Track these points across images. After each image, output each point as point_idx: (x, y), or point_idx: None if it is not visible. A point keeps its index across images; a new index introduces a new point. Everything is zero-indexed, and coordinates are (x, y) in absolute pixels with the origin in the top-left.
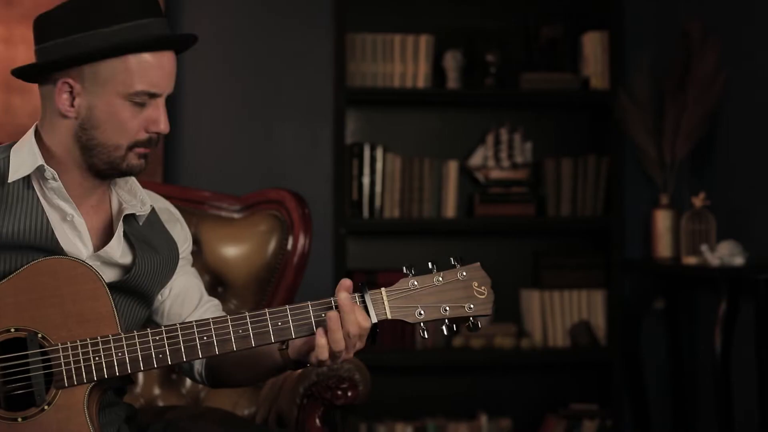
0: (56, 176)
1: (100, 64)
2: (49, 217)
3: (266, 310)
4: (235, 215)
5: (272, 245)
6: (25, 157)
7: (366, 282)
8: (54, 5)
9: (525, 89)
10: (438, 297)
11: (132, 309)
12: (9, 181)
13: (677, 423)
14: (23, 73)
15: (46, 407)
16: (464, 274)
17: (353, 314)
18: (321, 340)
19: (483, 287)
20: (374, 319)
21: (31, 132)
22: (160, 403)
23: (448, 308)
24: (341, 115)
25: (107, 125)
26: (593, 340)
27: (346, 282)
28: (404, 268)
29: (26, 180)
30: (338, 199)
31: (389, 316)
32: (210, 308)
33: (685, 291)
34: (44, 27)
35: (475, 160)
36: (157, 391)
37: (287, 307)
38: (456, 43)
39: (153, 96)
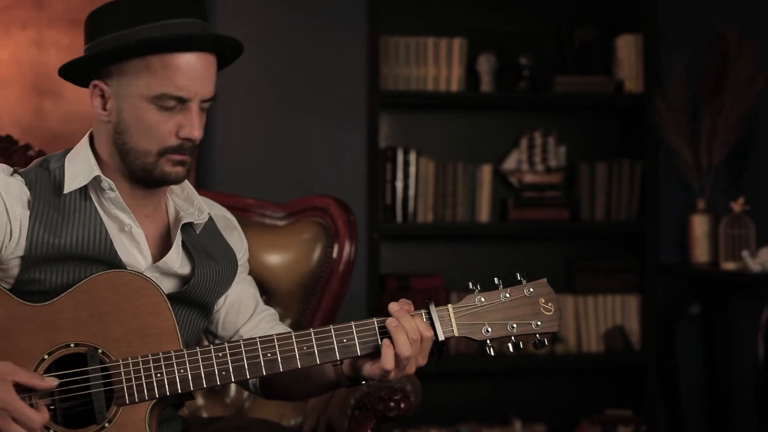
0: (113, 186)
1: (124, 66)
2: (107, 228)
3: (331, 326)
4: (279, 222)
5: (317, 253)
6: (80, 167)
7: (432, 299)
8: (86, 8)
9: (559, 92)
10: (505, 314)
11: (191, 320)
12: (65, 191)
13: (712, 429)
14: (73, 78)
15: (106, 425)
16: (531, 290)
17: (410, 320)
18: (387, 349)
19: (550, 303)
20: (441, 337)
21: (85, 140)
22: (205, 414)
23: (515, 325)
24: (375, 119)
25: (135, 130)
26: (627, 345)
27: (407, 301)
28: (470, 283)
29: (83, 190)
30: (371, 204)
31: (456, 334)
32: (266, 317)
33: (721, 296)
34: (85, 30)
35: (509, 163)
36: (200, 401)
37: (353, 323)
38: (489, 46)
39: (182, 100)
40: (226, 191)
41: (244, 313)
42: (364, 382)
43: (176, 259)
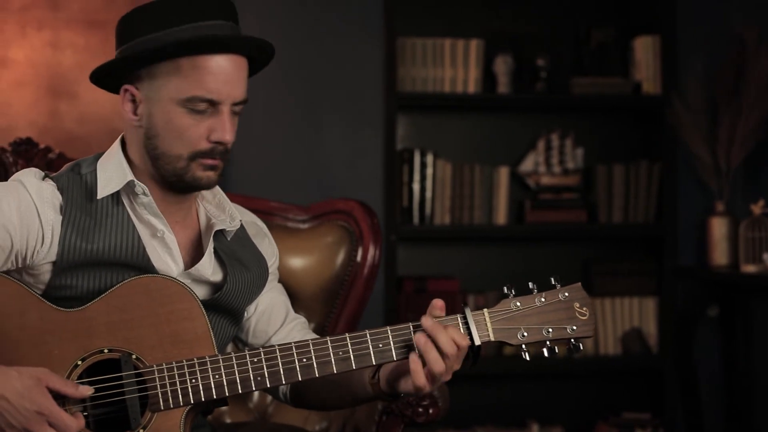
0: (147, 191)
1: (154, 69)
2: (140, 234)
3: (366, 331)
4: (302, 226)
5: (341, 256)
6: (113, 172)
7: (467, 302)
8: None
9: (576, 94)
10: (540, 318)
11: (222, 327)
12: (99, 197)
13: None
14: (105, 85)
15: (141, 431)
16: (566, 294)
17: (444, 334)
18: (416, 366)
19: (584, 308)
20: (477, 341)
21: (117, 144)
22: (228, 420)
23: (550, 330)
24: (392, 121)
25: (166, 134)
26: (645, 347)
27: (439, 302)
28: (504, 288)
29: (115, 195)
30: (389, 206)
31: (492, 338)
32: (296, 326)
33: (740, 299)
34: (116, 35)
35: (526, 165)
36: (224, 406)
37: (388, 328)
38: (506, 48)
39: (213, 103)
40: (244, 193)
41: (275, 321)
42: (401, 396)
43: (208, 266)
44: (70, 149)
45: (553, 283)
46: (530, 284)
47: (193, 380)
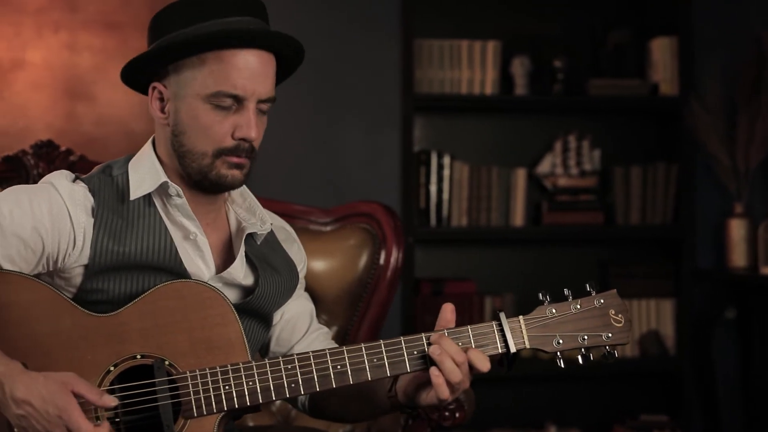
0: (181, 192)
1: (180, 65)
2: (172, 236)
3: (401, 337)
4: (324, 228)
5: (363, 259)
6: (146, 173)
7: (502, 309)
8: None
9: (593, 95)
10: (576, 325)
11: (254, 332)
12: (131, 198)
13: None
14: (129, 83)
15: None
16: (601, 301)
17: (450, 343)
18: (438, 379)
19: (620, 315)
20: (513, 349)
21: (149, 145)
22: (251, 423)
23: (586, 337)
24: (409, 122)
25: (191, 130)
26: (662, 349)
27: (449, 306)
28: (539, 294)
29: (147, 196)
30: (406, 208)
31: (527, 345)
32: (319, 336)
33: (759, 300)
34: (148, 34)
35: (543, 167)
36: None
37: (422, 334)
38: (523, 49)
39: (238, 99)
40: (261, 195)
41: (299, 330)
42: (420, 408)
43: (240, 270)
44: (88, 151)
45: (589, 289)
46: (565, 291)
47: (227, 387)
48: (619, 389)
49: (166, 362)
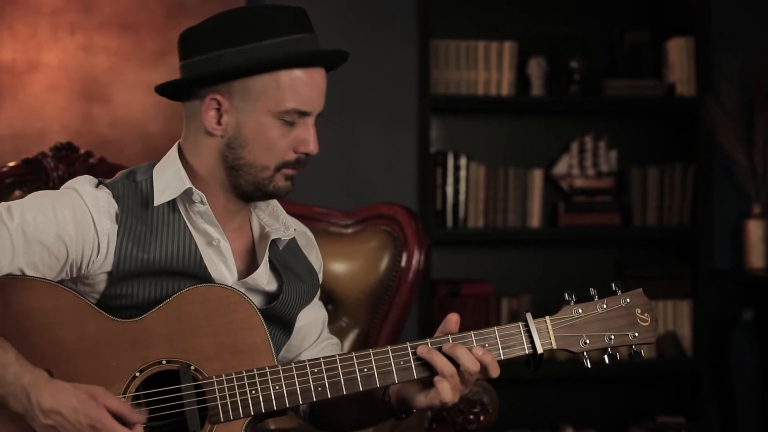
0: (204, 199)
1: (250, 80)
2: (196, 242)
3: (428, 339)
4: (345, 230)
5: (385, 262)
6: (170, 179)
7: (529, 309)
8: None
9: (609, 96)
10: (602, 325)
11: (276, 337)
12: (155, 204)
13: None
14: (166, 91)
15: None
16: (627, 300)
17: (466, 353)
18: (442, 384)
19: (646, 314)
20: (540, 350)
21: (174, 151)
22: (272, 426)
23: (612, 337)
24: (426, 123)
25: (255, 144)
26: (680, 351)
27: (454, 316)
28: (565, 294)
29: (171, 202)
30: (422, 209)
31: (554, 346)
32: (328, 347)
33: None
34: (191, 42)
35: (560, 168)
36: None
37: (449, 337)
38: (539, 50)
39: (303, 115)
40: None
41: (310, 338)
42: (414, 412)
43: (264, 276)
44: (103, 153)
45: (614, 288)
46: (591, 290)
47: (253, 391)
48: (636, 390)
49: (192, 367)
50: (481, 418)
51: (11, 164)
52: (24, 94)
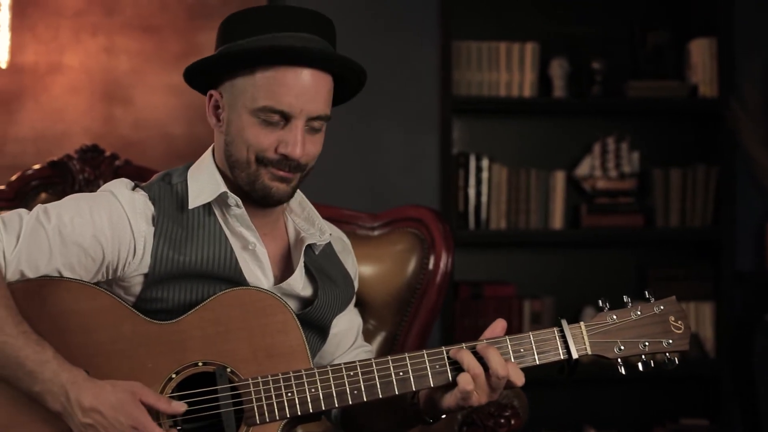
0: (240, 203)
1: (236, 78)
2: (232, 246)
3: (463, 344)
4: (372, 233)
5: (412, 264)
6: (205, 182)
7: (564, 316)
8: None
9: (632, 97)
10: (636, 332)
11: (311, 342)
12: (190, 207)
13: None
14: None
15: None
16: (661, 308)
17: (497, 356)
18: (463, 377)
19: (680, 321)
20: (575, 355)
21: (208, 153)
22: (300, 431)
23: (647, 343)
24: (448, 125)
25: (238, 140)
26: (702, 353)
27: (501, 323)
28: (599, 301)
29: (206, 206)
30: (445, 211)
31: (589, 352)
32: (360, 354)
33: None
34: (216, 36)
35: (582, 170)
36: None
37: (484, 340)
38: (561, 51)
39: (286, 116)
40: None
41: (344, 345)
42: (443, 416)
43: (299, 281)
44: (126, 155)
45: (648, 296)
46: (625, 297)
47: (289, 394)
48: (659, 392)
49: (228, 369)
50: (512, 422)
51: (36, 167)
52: (46, 96)
